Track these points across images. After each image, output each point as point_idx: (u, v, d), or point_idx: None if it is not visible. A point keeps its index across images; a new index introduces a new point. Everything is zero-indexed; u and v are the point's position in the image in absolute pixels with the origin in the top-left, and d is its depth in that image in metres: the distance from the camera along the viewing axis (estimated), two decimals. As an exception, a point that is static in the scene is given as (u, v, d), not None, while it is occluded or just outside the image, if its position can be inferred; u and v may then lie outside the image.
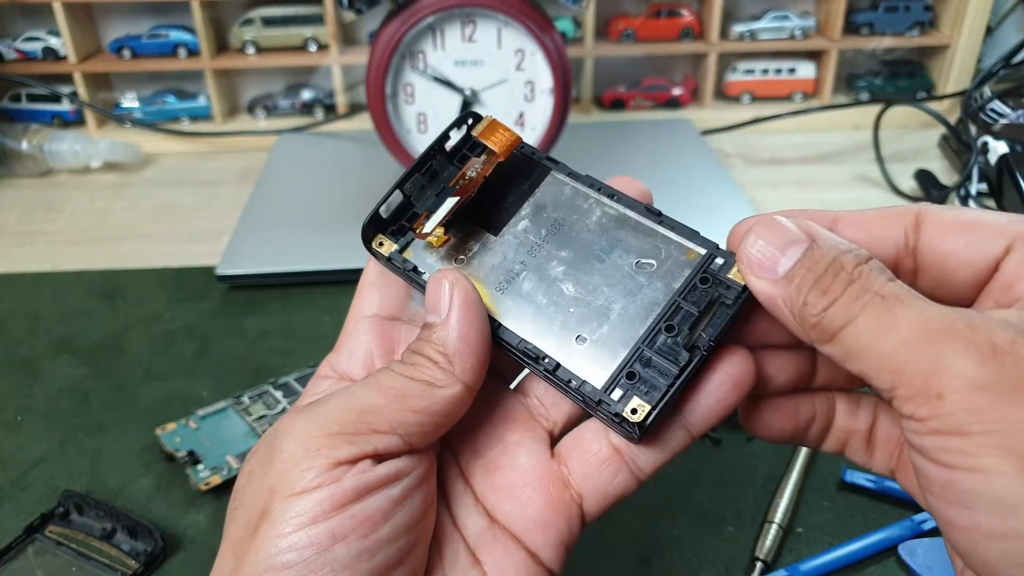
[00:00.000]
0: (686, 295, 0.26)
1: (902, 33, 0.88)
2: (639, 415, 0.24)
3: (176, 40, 0.85)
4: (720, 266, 0.26)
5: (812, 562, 0.38)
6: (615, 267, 0.27)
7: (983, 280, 0.22)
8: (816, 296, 0.21)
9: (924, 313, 0.19)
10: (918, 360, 0.18)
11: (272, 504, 0.22)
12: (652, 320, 0.26)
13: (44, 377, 0.53)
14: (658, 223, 0.28)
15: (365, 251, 0.32)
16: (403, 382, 0.25)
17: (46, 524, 0.41)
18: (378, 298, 0.30)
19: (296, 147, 0.83)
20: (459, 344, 0.26)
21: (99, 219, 0.73)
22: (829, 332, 0.21)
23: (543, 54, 0.61)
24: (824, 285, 0.21)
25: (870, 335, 0.20)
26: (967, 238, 0.22)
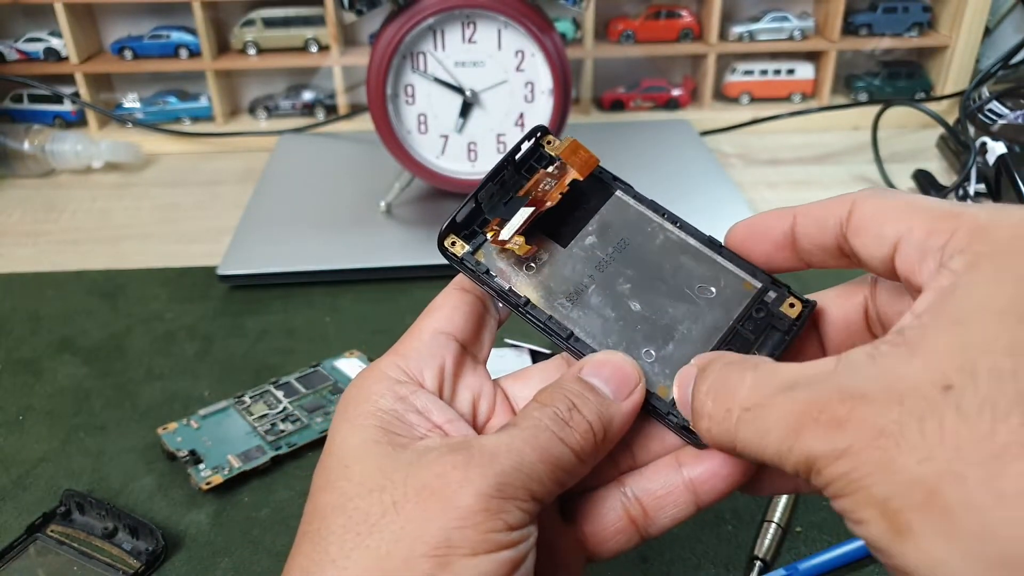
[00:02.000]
0: (744, 323, 0.28)
1: (900, 34, 0.88)
2: None
3: (177, 41, 0.85)
4: (773, 299, 0.28)
5: (811, 561, 0.38)
6: (678, 290, 0.29)
7: (892, 271, 0.24)
8: (697, 423, 0.25)
9: (784, 408, 0.22)
10: (795, 453, 0.21)
11: (452, 558, 0.23)
12: (714, 343, 0.28)
13: (46, 377, 0.53)
14: (718, 253, 0.29)
15: (367, 251, 0.32)
16: (560, 449, 0.25)
17: (48, 523, 0.42)
18: (460, 321, 0.30)
19: (297, 148, 0.84)
20: (619, 433, 0.27)
21: (101, 219, 0.73)
22: (728, 449, 0.24)
23: (543, 55, 0.62)
24: (697, 410, 0.25)
25: (756, 444, 0.22)
26: (873, 233, 0.24)
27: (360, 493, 0.24)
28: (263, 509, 0.43)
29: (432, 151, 0.66)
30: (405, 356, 0.28)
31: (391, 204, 0.69)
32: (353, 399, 0.27)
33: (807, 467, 0.21)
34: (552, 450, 0.25)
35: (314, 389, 0.50)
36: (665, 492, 0.27)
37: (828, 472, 0.20)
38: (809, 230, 0.26)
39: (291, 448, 0.46)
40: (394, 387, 0.27)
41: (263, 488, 0.44)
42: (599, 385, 0.26)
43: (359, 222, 0.68)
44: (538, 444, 0.25)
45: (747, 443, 0.23)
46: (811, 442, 0.21)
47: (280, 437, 0.47)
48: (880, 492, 0.19)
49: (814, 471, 0.21)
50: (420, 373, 0.28)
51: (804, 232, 0.26)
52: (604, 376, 0.27)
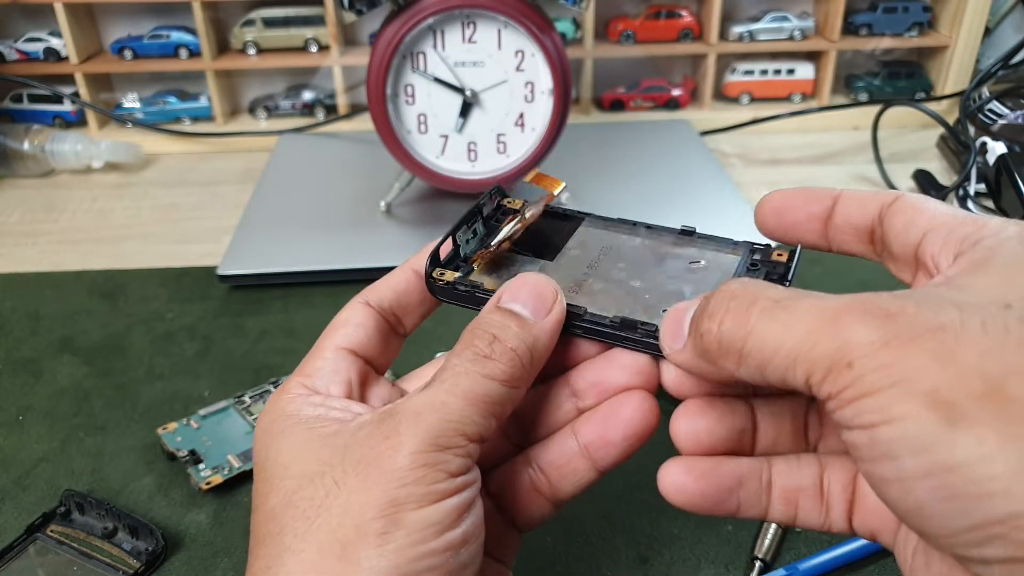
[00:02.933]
0: (744, 275, 0.29)
1: (901, 34, 0.88)
2: None
3: (177, 41, 0.85)
4: (761, 254, 0.30)
5: (811, 561, 0.38)
6: (671, 268, 0.30)
7: (915, 264, 0.25)
8: (707, 323, 0.23)
9: (819, 303, 0.21)
10: (825, 342, 0.20)
11: (401, 514, 0.23)
12: None
13: (45, 377, 0.53)
14: (697, 238, 0.31)
15: (367, 251, 0.32)
16: (487, 386, 0.25)
17: (47, 523, 0.42)
18: (363, 337, 0.30)
19: (297, 148, 0.84)
20: (545, 351, 0.27)
21: (100, 219, 0.73)
22: (735, 351, 0.22)
23: (543, 55, 0.62)
24: (711, 311, 0.23)
25: (774, 338, 0.21)
26: (903, 222, 0.25)
27: (303, 484, 0.25)
28: (263, 509, 0.43)
29: (432, 151, 0.66)
30: (311, 376, 0.29)
31: (391, 204, 0.69)
32: (271, 421, 0.27)
33: (831, 361, 0.20)
34: (477, 390, 0.25)
35: (314, 389, 0.50)
36: (564, 461, 0.28)
37: (864, 362, 0.19)
38: (850, 209, 0.27)
39: (291, 448, 0.46)
40: (308, 399, 0.28)
41: (263, 488, 0.44)
42: (518, 309, 0.27)
43: (359, 222, 0.68)
44: (461, 390, 0.25)
45: (763, 337, 0.21)
46: (852, 330, 0.20)
47: (280, 437, 0.47)
48: (930, 382, 0.18)
49: (842, 364, 0.19)
50: (327, 390, 0.28)
51: (844, 211, 0.27)
52: (522, 298, 0.27)
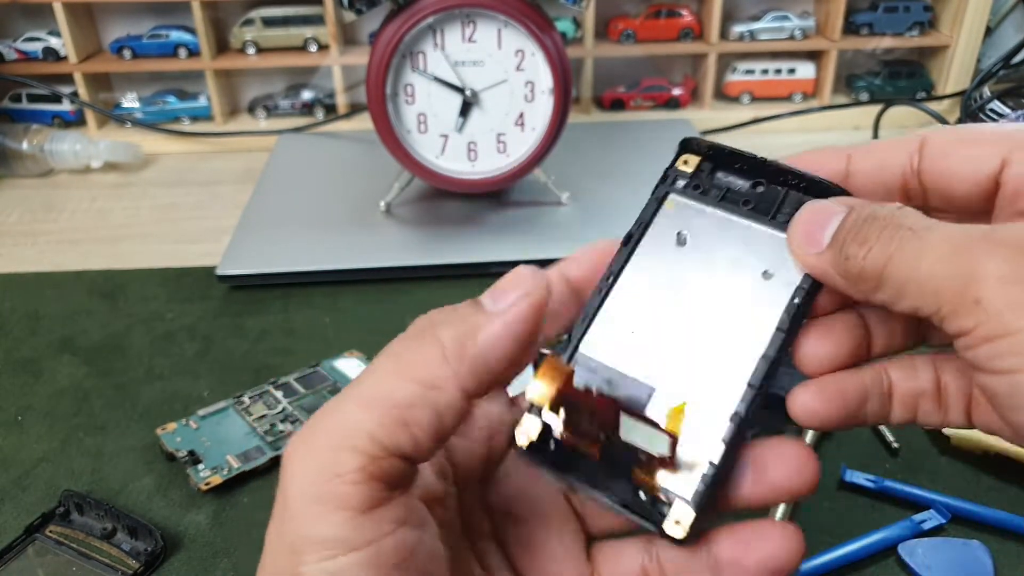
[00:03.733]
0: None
1: (901, 33, 0.88)
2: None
3: (176, 40, 0.85)
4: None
5: (812, 562, 0.38)
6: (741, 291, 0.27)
7: (986, 195, 0.23)
8: (855, 248, 0.22)
9: (954, 233, 0.20)
10: (952, 274, 0.19)
11: (303, 569, 0.21)
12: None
13: (45, 377, 0.53)
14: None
15: (367, 251, 0.32)
16: (386, 385, 0.21)
17: (47, 524, 0.41)
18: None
19: (296, 147, 0.84)
20: (488, 349, 0.22)
21: (100, 219, 0.73)
22: (874, 278, 0.22)
23: (543, 54, 0.61)
24: (862, 237, 0.22)
25: (908, 266, 0.20)
26: (963, 155, 0.23)
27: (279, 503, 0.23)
28: (262, 510, 0.43)
29: (432, 151, 0.65)
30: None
31: (391, 204, 0.69)
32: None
33: (958, 294, 0.19)
34: (375, 391, 0.21)
35: (313, 389, 0.50)
36: (688, 570, 0.25)
37: (993, 299, 0.18)
38: (867, 166, 0.25)
39: (291, 448, 0.46)
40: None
41: (262, 489, 0.44)
42: (483, 299, 0.23)
43: (359, 222, 0.68)
44: (360, 393, 0.21)
45: (899, 264, 0.21)
46: (982, 262, 0.18)
47: (279, 437, 0.46)
48: None
49: (969, 299, 0.18)
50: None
51: (861, 169, 0.25)
52: (497, 288, 0.23)
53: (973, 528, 0.40)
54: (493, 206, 0.70)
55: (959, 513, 0.40)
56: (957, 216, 0.24)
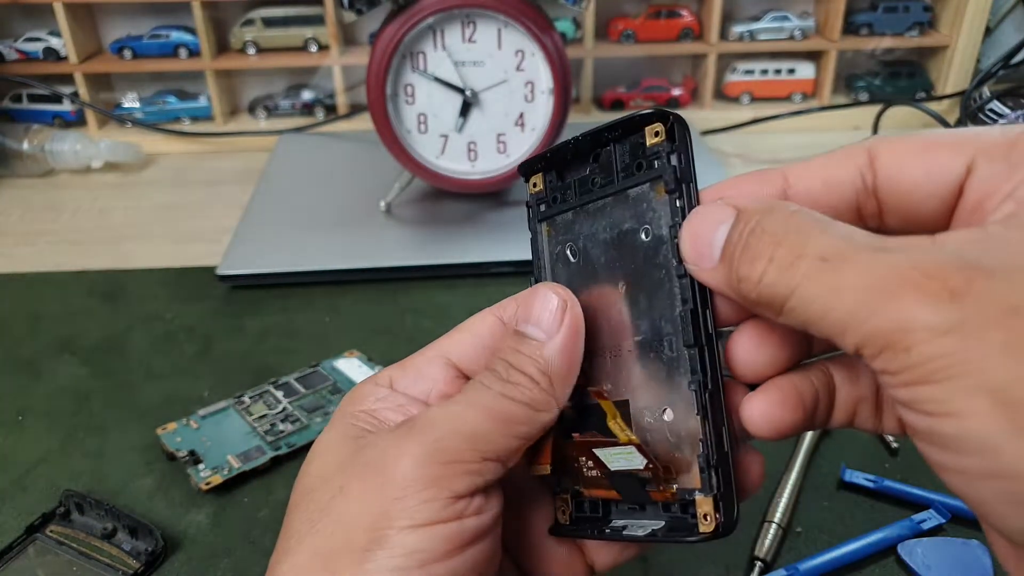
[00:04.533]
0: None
1: (901, 33, 0.88)
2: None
3: (177, 40, 0.85)
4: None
5: (811, 562, 0.38)
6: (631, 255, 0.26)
7: (951, 206, 0.21)
8: (746, 268, 0.21)
9: (874, 267, 0.18)
10: (879, 318, 0.18)
11: (389, 532, 0.22)
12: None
13: (45, 377, 0.53)
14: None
15: (367, 251, 0.32)
16: (506, 404, 0.24)
17: (47, 524, 0.41)
18: (472, 351, 0.28)
19: (297, 147, 0.84)
20: (564, 369, 0.25)
21: (100, 219, 0.73)
22: (776, 304, 0.20)
23: (543, 55, 0.62)
24: (752, 254, 0.20)
25: (821, 302, 0.19)
26: (925, 166, 0.21)
27: (316, 484, 0.24)
28: (262, 510, 0.43)
29: (432, 151, 0.65)
30: (403, 368, 0.28)
31: (391, 204, 0.69)
32: (342, 404, 0.27)
33: (886, 341, 0.18)
34: (497, 407, 0.24)
35: (314, 389, 0.50)
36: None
37: (923, 350, 0.17)
38: (811, 187, 0.22)
39: (291, 448, 0.46)
40: (379, 391, 0.27)
41: (263, 488, 0.44)
42: (529, 331, 0.25)
43: (359, 222, 0.68)
44: (481, 403, 0.24)
45: (808, 300, 0.19)
46: (911, 310, 0.17)
47: (280, 437, 0.46)
48: (998, 379, 0.16)
49: (899, 347, 0.17)
50: (406, 390, 0.27)
51: (803, 191, 0.23)
52: (533, 318, 0.25)
53: (973, 528, 0.40)
54: (493, 206, 0.70)
55: (959, 513, 0.40)
56: (912, 234, 0.21)
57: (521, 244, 0.64)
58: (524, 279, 0.28)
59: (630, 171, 0.25)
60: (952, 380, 0.17)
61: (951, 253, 0.18)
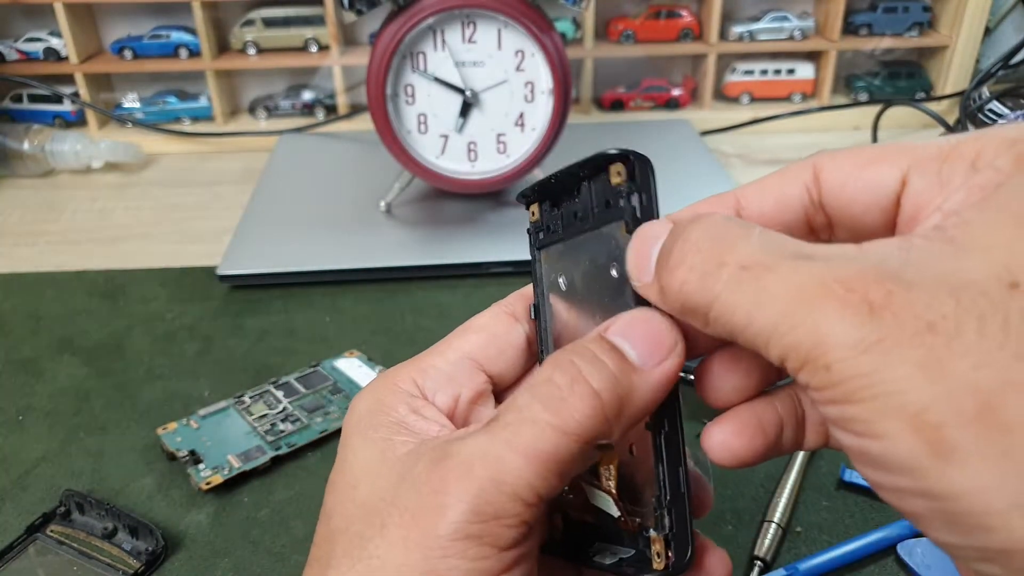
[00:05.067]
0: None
1: (901, 34, 0.88)
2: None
3: (177, 41, 0.85)
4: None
5: (811, 561, 0.38)
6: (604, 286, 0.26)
7: (892, 218, 0.21)
8: (667, 277, 0.20)
9: (795, 277, 0.18)
10: (799, 332, 0.17)
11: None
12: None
13: (45, 377, 0.53)
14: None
15: (367, 251, 0.31)
16: (552, 441, 0.21)
17: (47, 523, 0.42)
18: (494, 352, 0.27)
19: (297, 147, 0.84)
20: (642, 408, 0.22)
21: (100, 219, 0.73)
22: (699, 313, 0.20)
23: (543, 55, 0.62)
24: (671, 263, 0.20)
25: (743, 312, 0.19)
26: (863, 180, 0.21)
27: (360, 516, 0.23)
28: (263, 509, 0.43)
29: (432, 151, 0.66)
30: (425, 372, 0.26)
31: (391, 204, 0.69)
32: (367, 410, 0.25)
33: (806, 355, 0.17)
34: (540, 446, 0.21)
35: (314, 389, 0.50)
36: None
37: (842, 368, 0.17)
38: (764, 208, 0.22)
39: (291, 448, 0.46)
40: (408, 400, 0.25)
41: (263, 488, 0.44)
42: (623, 346, 0.22)
43: (359, 222, 0.68)
44: (522, 444, 0.21)
45: (730, 308, 0.19)
46: (830, 324, 0.17)
47: (280, 437, 0.47)
48: (916, 401, 0.16)
49: (819, 364, 0.17)
50: (433, 396, 0.26)
51: (757, 212, 0.23)
52: (634, 336, 0.22)
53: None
54: (493, 206, 0.70)
55: (958, 513, 0.40)
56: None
57: (521, 244, 0.64)
58: (524, 279, 0.28)
59: (602, 208, 0.25)
60: (873, 400, 0.16)
61: (873, 263, 0.18)
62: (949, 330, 0.16)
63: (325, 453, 0.46)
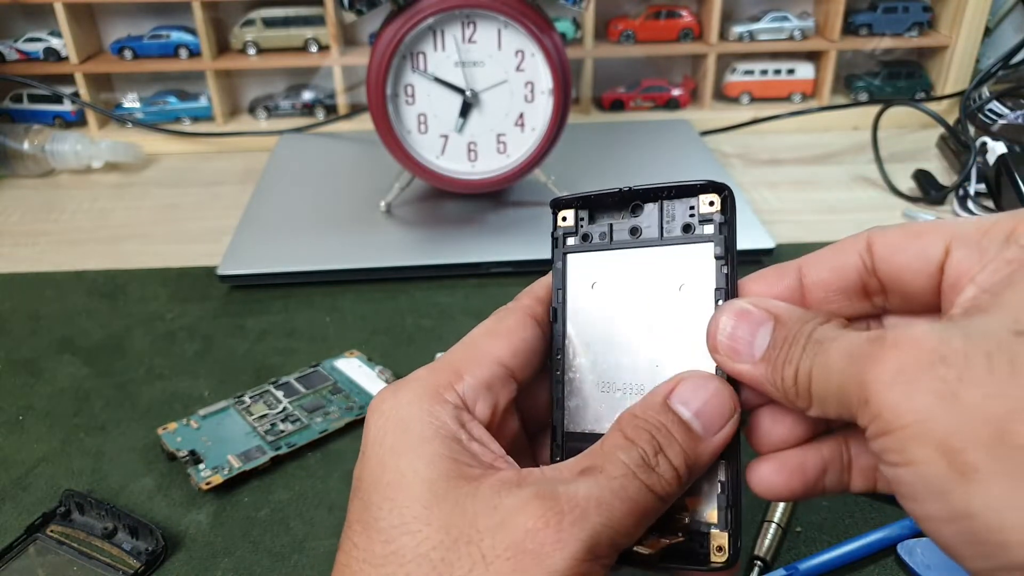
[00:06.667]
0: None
1: (901, 34, 0.88)
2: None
3: (177, 41, 0.85)
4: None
5: (811, 561, 0.38)
6: (666, 307, 0.28)
7: (937, 284, 0.23)
8: (789, 370, 0.23)
9: (846, 342, 0.21)
10: (850, 382, 0.21)
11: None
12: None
13: (46, 377, 0.53)
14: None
15: (367, 251, 0.32)
16: (647, 498, 0.23)
17: (47, 523, 0.42)
18: (522, 360, 0.27)
19: (297, 147, 0.84)
20: (703, 470, 0.25)
21: (101, 219, 0.73)
22: (806, 398, 0.23)
23: (543, 55, 0.62)
24: (792, 357, 0.23)
25: (825, 380, 0.22)
26: (912, 249, 0.24)
27: (443, 542, 0.23)
28: (263, 509, 0.43)
29: (432, 151, 0.66)
30: (463, 379, 0.26)
31: (391, 204, 0.69)
32: (416, 420, 0.25)
33: (856, 399, 0.20)
34: (640, 500, 0.23)
35: (314, 389, 0.50)
36: None
37: (877, 400, 0.19)
38: (823, 277, 0.25)
39: (291, 448, 0.46)
40: (455, 412, 0.25)
41: (263, 488, 0.44)
42: (689, 419, 0.25)
43: (359, 222, 0.68)
44: (627, 496, 0.23)
45: (815, 379, 0.22)
46: (869, 367, 0.20)
47: (280, 437, 0.47)
48: (939, 429, 0.18)
49: (862, 401, 0.20)
50: (474, 405, 0.26)
51: (817, 281, 0.26)
52: (697, 406, 0.25)
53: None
54: (493, 206, 0.70)
55: (958, 512, 0.40)
56: (915, 310, 0.25)
57: (521, 244, 0.64)
58: (524, 279, 0.28)
59: (676, 230, 0.27)
60: (903, 429, 0.19)
61: (921, 330, 0.20)
62: (959, 363, 0.18)
63: (325, 453, 0.46)
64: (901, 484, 0.20)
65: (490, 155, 0.66)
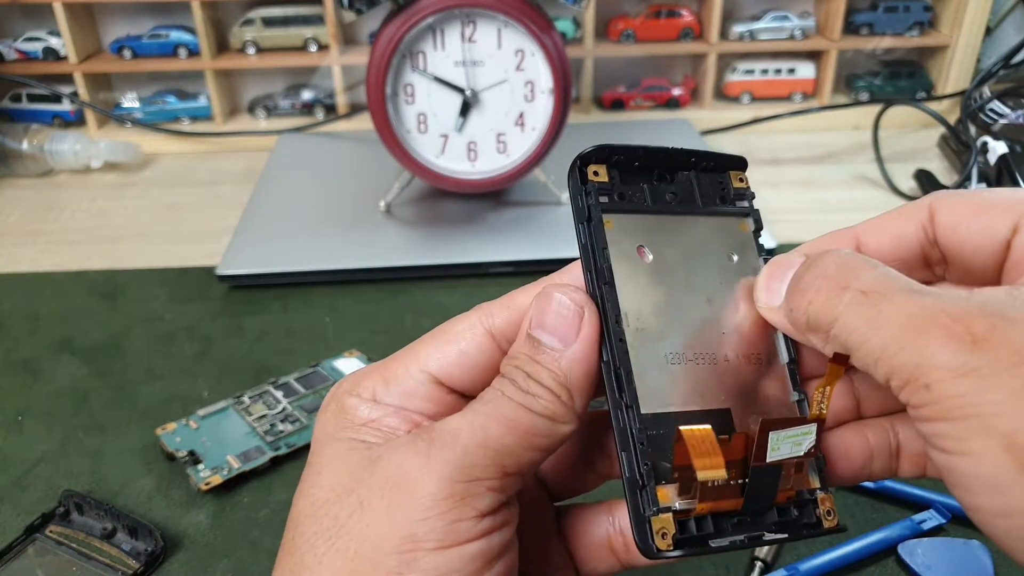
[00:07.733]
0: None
1: (901, 33, 0.88)
2: None
3: (176, 40, 0.85)
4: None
5: (812, 562, 0.38)
6: (715, 281, 0.28)
7: (1001, 261, 0.23)
8: (797, 298, 0.23)
9: (907, 307, 0.20)
10: (906, 354, 0.19)
11: (417, 555, 0.22)
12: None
13: (45, 377, 0.53)
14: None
15: (367, 251, 0.31)
16: (527, 417, 0.23)
17: (47, 524, 0.41)
18: (457, 370, 0.26)
19: (296, 147, 0.84)
20: (583, 380, 0.24)
21: (100, 219, 0.73)
22: (821, 331, 0.22)
23: (543, 54, 0.61)
24: (802, 286, 0.23)
25: (859, 333, 0.21)
26: (977, 223, 0.23)
27: (331, 498, 0.23)
28: (262, 510, 0.43)
29: (432, 151, 0.65)
30: (389, 384, 0.26)
31: (391, 204, 0.69)
32: (333, 414, 0.26)
33: (909, 375, 0.19)
34: (520, 419, 0.23)
35: (313, 389, 0.50)
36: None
37: (942, 388, 0.19)
38: (883, 244, 0.25)
39: (290, 449, 0.46)
40: (365, 404, 0.26)
41: (262, 489, 0.44)
42: (545, 339, 0.24)
43: (359, 222, 0.68)
44: (503, 415, 0.23)
45: (848, 328, 0.21)
46: (934, 350, 0.19)
47: (279, 438, 0.46)
48: (1009, 424, 0.18)
49: (920, 383, 0.19)
50: (396, 408, 0.26)
51: (875, 249, 0.25)
52: (548, 325, 0.24)
53: (973, 528, 0.40)
54: (493, 206, 0.70)
55: (959, 513, 0.40)
56: (975, 284, 0.23)
57: (521, 244, 0.64)
58: (524, 279, 0.28)
59: (713, 200, 0.27)
60: (966, 420, 0.18)
61: (979, 302, 0.19)
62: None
63: (325, 453, 0.46)
64: (954, 473, 0.19)
65: (490, 155, 0.66)
